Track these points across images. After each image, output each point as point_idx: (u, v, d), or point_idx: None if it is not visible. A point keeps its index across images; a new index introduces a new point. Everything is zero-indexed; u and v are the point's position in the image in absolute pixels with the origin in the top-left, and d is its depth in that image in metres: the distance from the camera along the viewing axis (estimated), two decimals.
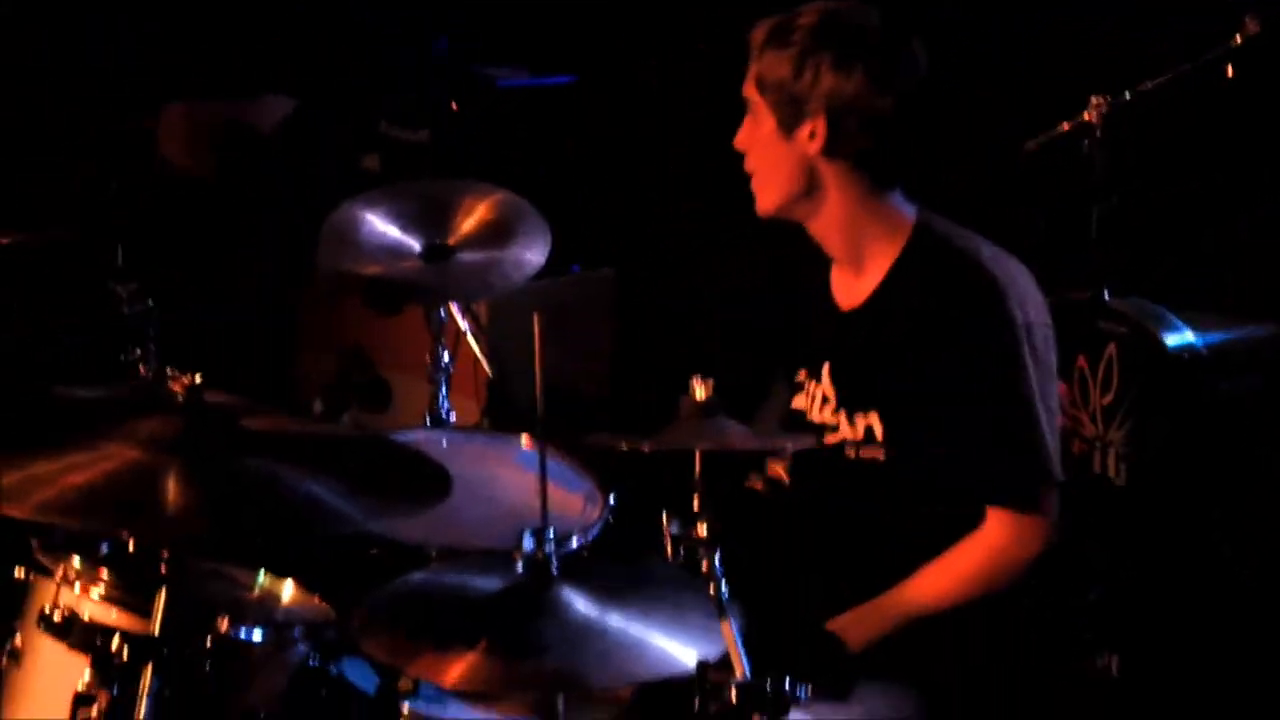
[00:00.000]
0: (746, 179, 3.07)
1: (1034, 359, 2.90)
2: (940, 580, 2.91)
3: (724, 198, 3.20)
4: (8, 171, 4.43)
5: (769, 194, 3.04)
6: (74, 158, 4.51)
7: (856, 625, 2.91)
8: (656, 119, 4.96)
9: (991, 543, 2.90)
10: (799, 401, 3.11)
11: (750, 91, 3.02)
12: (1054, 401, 2.93)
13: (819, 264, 3.11)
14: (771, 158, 3.02)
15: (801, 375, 3.12)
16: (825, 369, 3.07)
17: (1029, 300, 2.93)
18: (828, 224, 3.03)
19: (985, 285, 2.91)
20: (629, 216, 4.97)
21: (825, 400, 3.06)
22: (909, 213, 3.02)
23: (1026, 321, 2.90)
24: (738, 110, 3.06)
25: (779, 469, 3.16)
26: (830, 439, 3.01)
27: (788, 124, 2.98)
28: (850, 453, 2.99)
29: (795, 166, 3.00)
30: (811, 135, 2.97)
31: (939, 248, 2.99)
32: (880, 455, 2.96)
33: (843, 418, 3.01)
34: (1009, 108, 4.21)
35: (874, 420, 2.97)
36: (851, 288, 3.06)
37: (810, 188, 3.01)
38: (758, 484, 3.17)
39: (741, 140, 3.06)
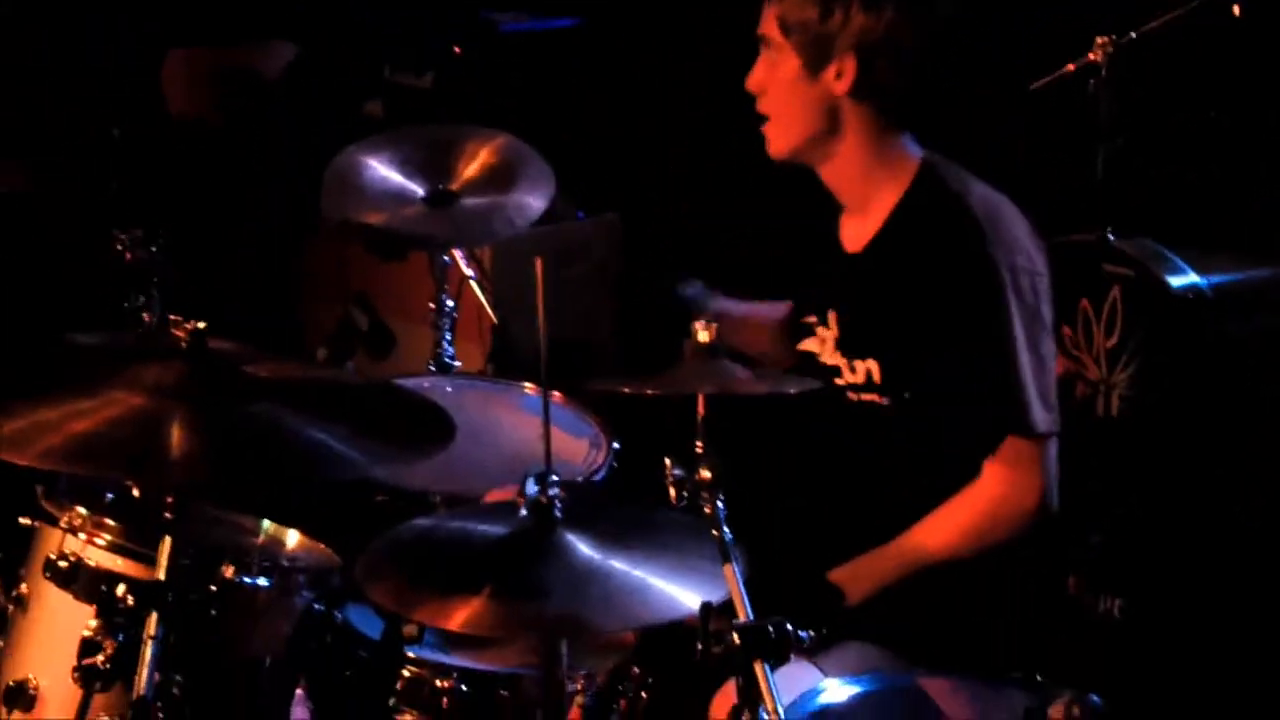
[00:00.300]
0: (755, 121, 3.03)
1: (1019, 304, 2.87)
2: (939, 532, 2.90)
3: (730, 141, 3.18)
4: (10, 120, 4.42)
5: (786, 136, 3.01)
6: (77, 105, 4.49)
7: (857, 576, 2.89)
8: (661, 62, 4.93)
9: (989, 494, 2.88)
10: (810, 344, 3.09)
11: (771, 30, 2.98)
12: (1045, 349, 2.91)
13: (826, 207, 3.09)
14: (792, 99, 2.98)
15: (811, 319, 3.11)
16: (832, 314, 3.05)
17: (1016, 246, 2.90)
18: (842, 166, 3.01)
19: (967, 228, 2.88)
20: (634, 161, 4.94)
21: (834, 345, 3.05)
22: (915, 154, 3.00)
23: (1011, 265, 2.88)
24: (745, 50, 3.02)
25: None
26: (838, 381, 3.00)
27: (814, 64, 2.94)
28: (853, 396, 2.98)
29: (817, 108, 2.97)
30: (838, 75, 2.94)
31: (936, 190, 2.97)
32: (879, 399, 2.96)
33: (845, 362, 3.00)
34: (1014, 49, 4.18)
35: (872, 366, 2.96)
36: (857, 230, 3.04)
37: (830, 130, 2.98)
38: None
39: (756, 81, 3.02)
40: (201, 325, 2.52)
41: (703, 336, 2.54)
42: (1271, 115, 3.96)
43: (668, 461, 2.50)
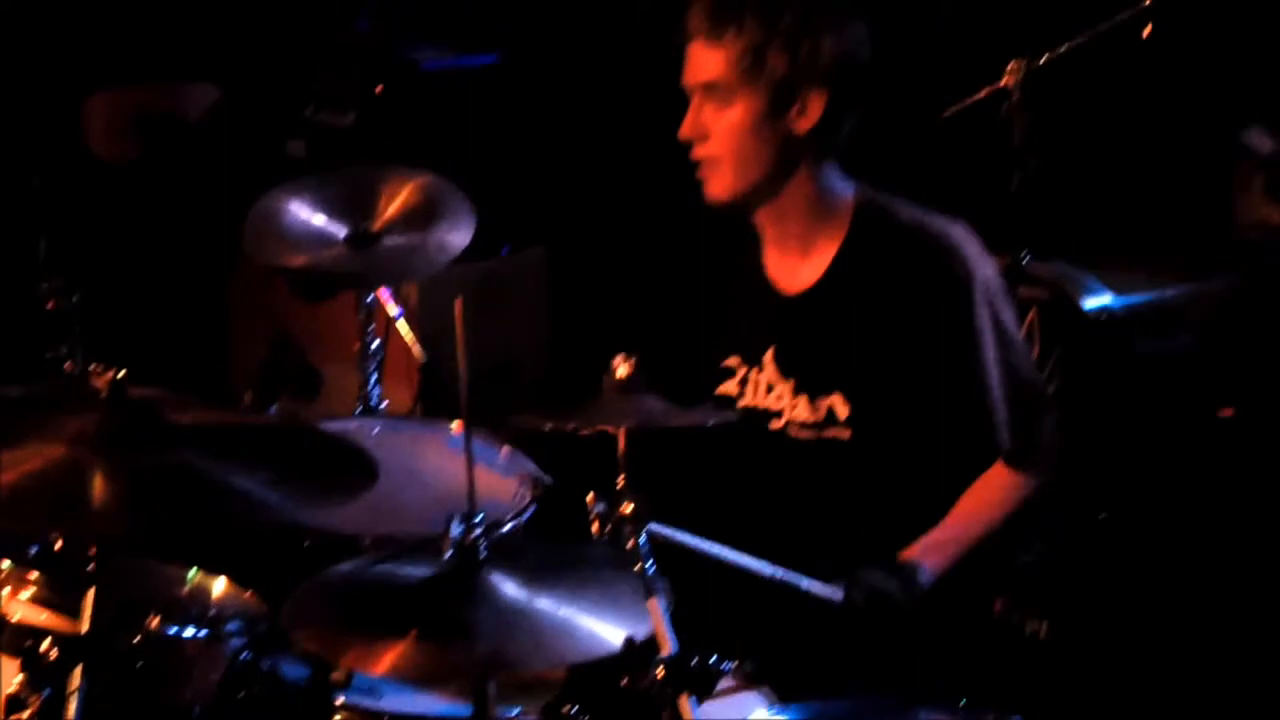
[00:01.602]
0: (677, 158, 2.99)
1: (992, 325, 2.91)
2: (982, 510, 2.96)
3: (651, 176, 3.19)
4: None
5: (737, 181, 2.95)
6: None
7: (930, 556, 2.94)
8: (583, 95, 4.95)
9: (1015, 479, 2.95)
10: (728, 388, 3.09)
11: (720, 74, 2.91)
12: (1017, 357, 2.95)
13: (747, 246, 3.07)
14: (747, 143, 2.93)
15: (733, 361, 3.09)
16: (768, 355, 3.04)
17: (983, 258, 2.95)
18: (785, 207, 2.98)
19: (944, 254, 2.91)
20: (558, 195, 4.96)
21: (771, 386, 3.04)
22: (848, 188, 3.00)
23: (985, 278, 2.92)
24: (667, 88, 3.00)
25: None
26: (775, 425, 3.00)
27: (778, 104, 2.90)
28: (806, 435, 2.98)
29: (773, 149, 2.93)
30: (801, 112, 2.91)
31: (887, 222, 2.96)
32: (842, 434, 2.96)
33: (802, 402, 2.99)
34: (926, 74, 4.22)
35: (836, 402, 2.96)
36: (796, 271, 3.02)
37: (782, 171, 2.95)
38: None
39: (698, 127, 2.95)
40: (121, 374, 2.51)
41: (621, 371, 2.56)
42: (1182, 136, 4.02)
43: (590, 497, 2.51)
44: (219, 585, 2.98)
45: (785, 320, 3.03)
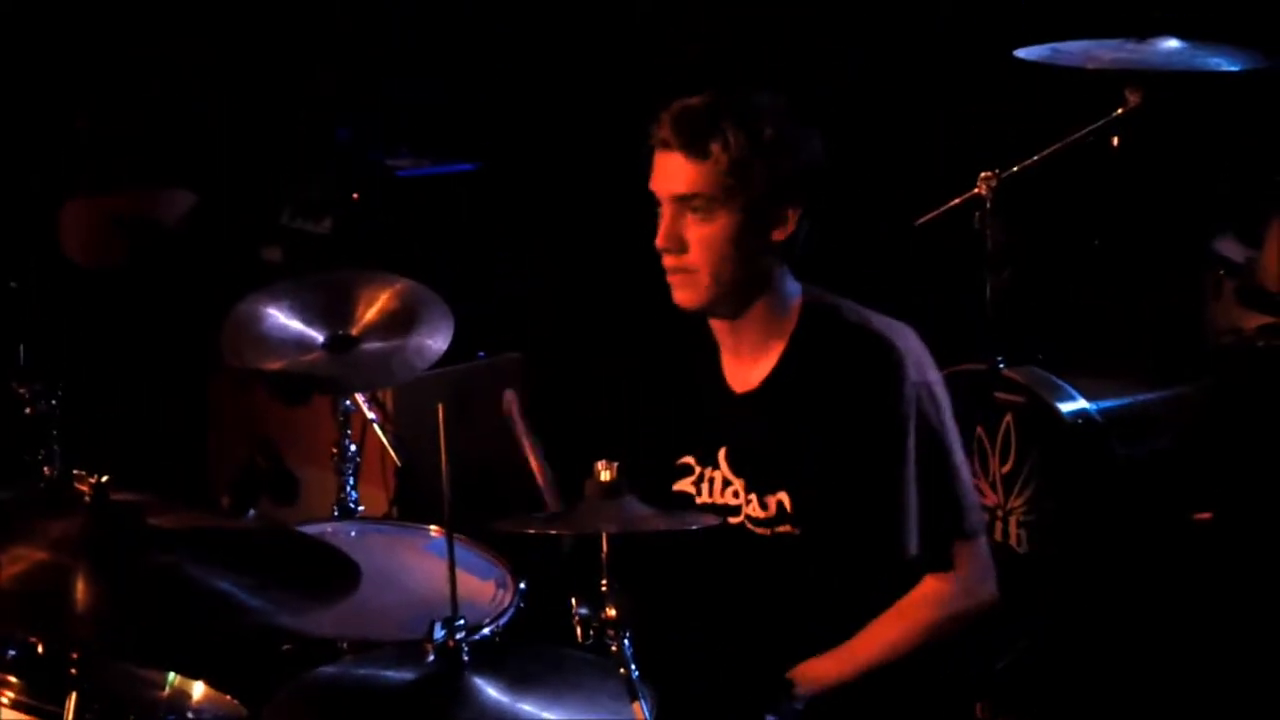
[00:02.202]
0: (644, 263, 3.02)
1: (923, 428, 2.92)
2: (890, 632, 2.93)
3: (625, 282, 3.21)
4: None
5: (709, 291, 2.94)
6: None
7: (813, 674, 2.92)
8: (557, 202, 5.00)
9: (932, 595, 2.93)
10: (683, 485, 3.10)
11: (703, 187, 2.89)
12: (947, 471, 2.95)
13: (705, 346, 3.09)
14: (727, 255, 2.91)
15: (689, 460, 3.11)
16: (722, 454, 3.07)
17: (924, 360, 2.97)
18: (748, 313, 2.99)
19: (881, 355, 2.92)
20: (534, 301, 5.00)
21: (727, 483, 3.07)
22: (795, 288, 3.03)
23: (924, 380, 2.94)
24: (636, 196, 3.02)
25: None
26: (733, 520, 3.02)
27: (759, 218, 2.90)
28: (762, 531, 3.00)
29: (750, 261, 2.93)
30: (779, 225, 2.92)
31: (830, 322, 2.99)
32: (792, 529, 2.98)
33: (754, 499, 3.02)
34: (899, 184, 4.28)
35: (783, 498, 2.98)
36: (747, 370, 3.05)
37: (756, 280, 2.96)
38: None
39: (675, 239, 2.93)
40: (104, 478, 2.51)
41: (604, 475, 2.57)
42: (1153, 244, 4.07)
43: (574, 600, 2.51)
44: (198, 689, 2.97)
45: (736, 420, 3.05)
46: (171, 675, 2.99)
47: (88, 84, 4.77)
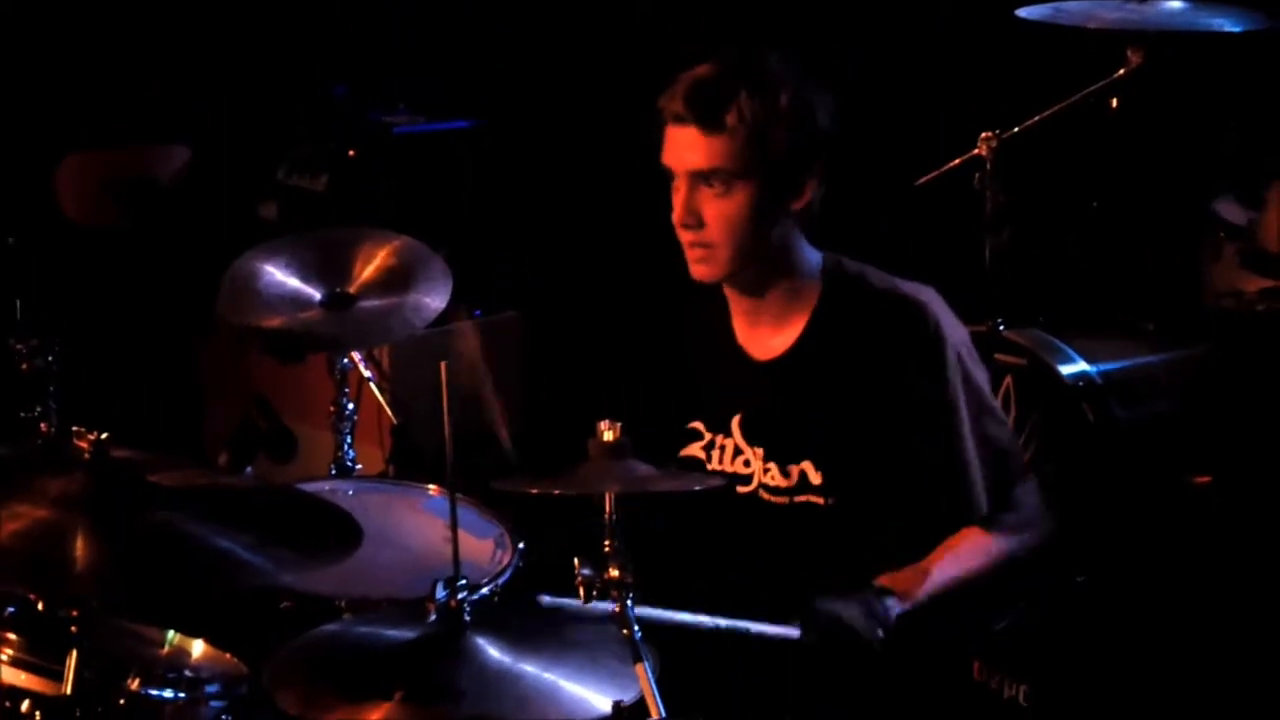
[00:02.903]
0: (649, 223, 2.97)
1: (966, 388, 2.91)
2: (970, 559, 2.93)
3: (623, 241, 3.20)
4: None
5: (730, 264, 2.89)
6: None
7: (903, 587, 2.89)
8: (554, 162, 4.98)
9: (978, 540, 2.94)
10: (692, 450, 3.06)
11: (724, 163, 2.82)
12: (993, 423, 2.95)
13: (716, 312, 3.06)
14: (748, 229, 2.85)
15: (698, 425, 3.07)
16: (735, 422, 3.03)
17: (954, 319, 2.96)
18: (762, 280, 2.95)
19: (919, 319, 2.89)
20: (531, 259, 4.99)
21: (738, 452, 3.04)
22: (816, 257, 2.98)
23: (956, 342, 2.92)
24: (640, 154, 2.98)
25: None
26: (743, 489, 3.00)
27: (779, 188, 2.85)
28: (779, 500, 2.98)
29: (770, 231, 2.87)
30: (798, 193, 2.86)
31: (858, 290, 2.95)
32: (818, 499, 2.95)
33: (773, 468, 2.99)
34: (901, 144, 4.26)
35: (808, 468, 2.95)
36: (767, 339, 3.00)
37: (776, 251, 2.91)
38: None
39: (693, 214, 2.86)
40: (104, 435, 2.51)
41: (608, 435, 2.57)
42: (1154, 206, 4.07)
43: (576, 560, 2.51)
44: (198, 647, 2.97)
45: (755, 388, 3.01)
46: (171, 633, 2.98)
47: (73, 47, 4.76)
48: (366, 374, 3.90)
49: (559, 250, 4.97)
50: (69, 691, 2.50)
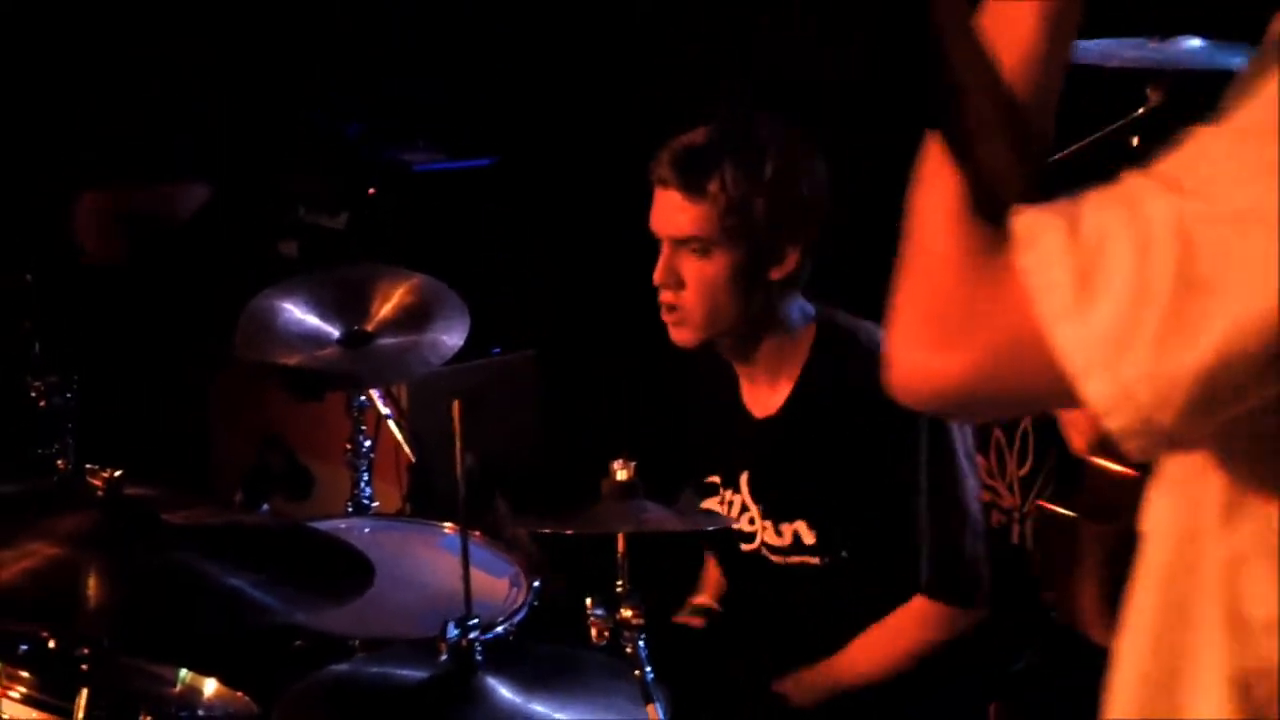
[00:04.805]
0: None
1: (936, 448, 2.89)
2: (874, 653, 2.91)
3: (643, 283, 3.19)
4: None
5: (704, 331, 2.91)
6: None
7: (800, 687, 2.91)
8: (574, 201, 4.98)
9: (923, 621, 2.90)
10: (711, 504, 3.08)
11: (702, 230, 2.85)
12: (958, 487, 2.94)
13: (725, 367, 3.06)
14: (721, 295, 2.88)
15: (715, 479, 3.08)
16: (743, 479, 3.03)
17: None
18: (750, 344, 2.96)
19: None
20: (549, 298, 4.98)
21: (745, 509, 3.03)
22: (809, 310, 2.99)
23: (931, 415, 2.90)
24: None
25: (704, 600, 3.14)
26: (747, 548, 2.99)
27: (758, 257, 2.86)
28: (779, 559, 2.97)
29: (748, 299, 2.89)
30: (779, 263, 2.87)
31: (847, 345, 2.94)
32: (811, 560, 2.94)
33: (769, 526, 2.98)
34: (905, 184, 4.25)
35: (800, 527, 2.95)
36: (765, 395, 3.01)
37: (757, 318, 2.92)
38: (692, 620, 3.13)
39: (671, 275, 2.89)
40: (118, 473, 2.50)
41: (621, 475, 2.56)
42: None
43: (589, 601, 2.50)
44: (210, 685, 2.96)
45: (756, 445, 3.02)
46: (183, 672, 2.98)
47: (89, 82, 4.77)
48: (385, 411, 3.89)
49: (579, 290, 4.96)
50: None
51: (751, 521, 3.00)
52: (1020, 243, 1.32)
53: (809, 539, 2.93)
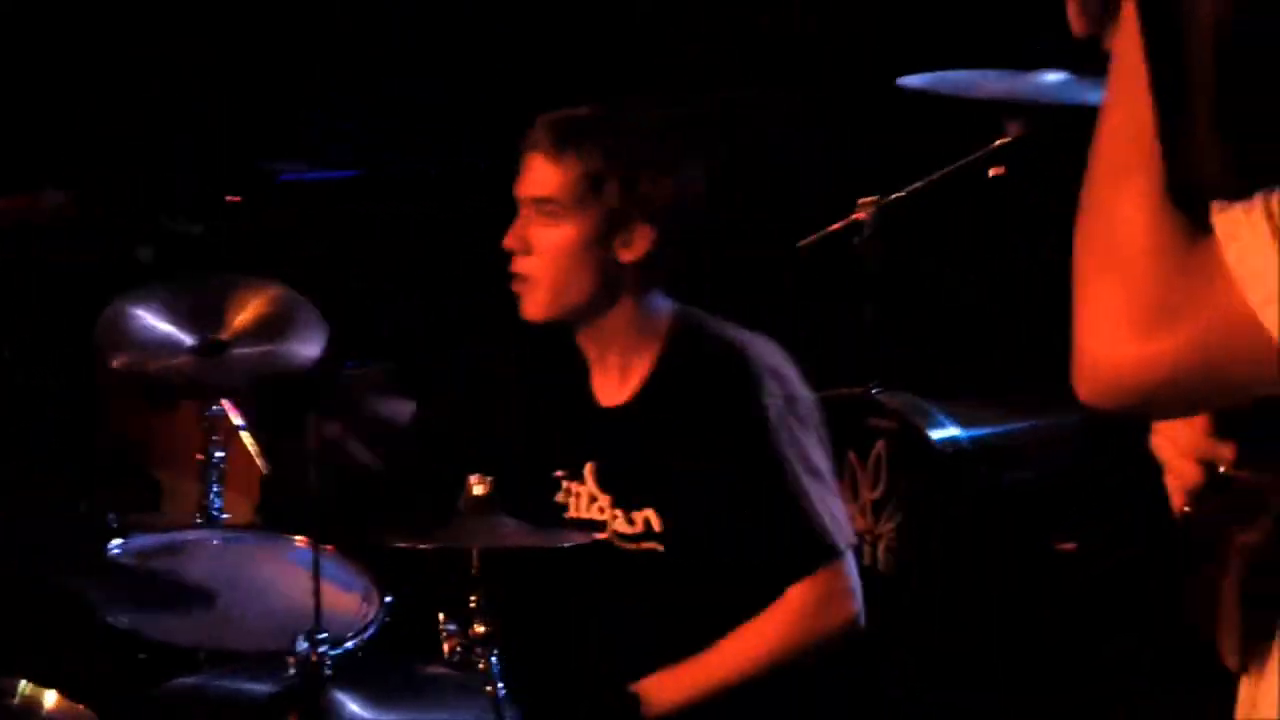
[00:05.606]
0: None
1: (792, 436, 2.92)
2: (748, 647, 2.92)
3: (500, 295, 3.18)
4: None
5: (550, 301, 2.96)
6: None
7: (661, 688, 2.90)
8: (435, 213, 4.96)
9: (795, 607, 2.92)
10: (559, 498, 3.09)
11: (554, 192, 2.92)
12: (824, 466, 2.96)
13: (574, 360, 3.09)
14: (569, 265, 2.94)
15: (559, 473, 3.09)
16: (589, 469, 3.05)
17: (786, 375, 2.97)
18: (604, 330, 3.00)
19: (741, 371, 2.93)
20: (406, 310, 4.95)
21: (594, 499, 3.05)
22: (667, 305, 3.04)
23: (785, 394, 2.94)
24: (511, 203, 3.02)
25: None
26: (600, 536, 3.01)
27: (605, 232, 2.92)
28: (629, 546, 2.99)
29: (596, 275, 2.94)
30: (626, 244, 2.92)
31: (695, 339, 3.00)
32: (658, 547, 2.97)
33: (620, 515, 3.01)
34: (782, 207, 4.29)
35: (650, 515, 2.97)
36: (616, 384, 3.05)
37: (604, 297, 2.96)
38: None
39: (523, 241, 2.96)
40: None
41: (477, 490, 2.55)
42: (1032, 272, 4.10)
43: (442, 616, 2.49)
44: (50, 698, 2.89)
45: (603, 435, 3.05)
46: (23, 684, 2.91)
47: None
48: (237, 422, 3.85)
49: (436, 301, 4.94)
50: None
51: (601, 510, 3.02)
52: (1224, 236, 1.40)
53: (658, 526, 2.95)
